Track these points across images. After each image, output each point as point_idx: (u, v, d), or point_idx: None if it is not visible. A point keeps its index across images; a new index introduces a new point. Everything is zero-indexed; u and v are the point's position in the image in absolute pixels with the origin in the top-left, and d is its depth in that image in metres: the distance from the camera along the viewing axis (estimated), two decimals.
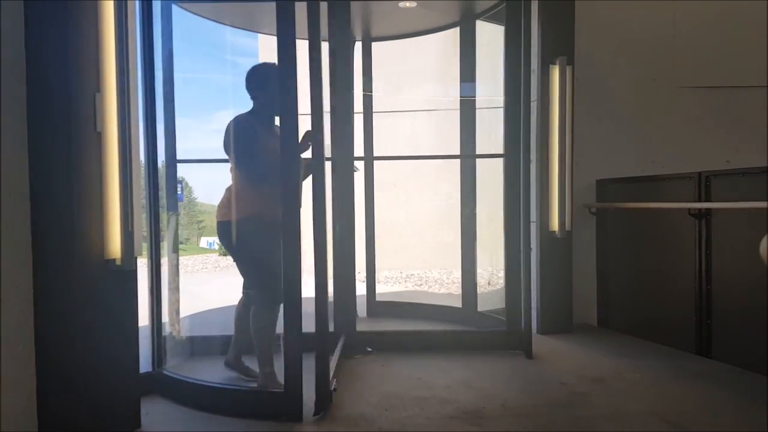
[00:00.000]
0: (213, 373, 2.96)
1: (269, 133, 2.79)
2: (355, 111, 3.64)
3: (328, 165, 3.53)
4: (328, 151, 2.85)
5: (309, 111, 2.52)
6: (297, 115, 2.44)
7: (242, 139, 2.75)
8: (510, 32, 3.51)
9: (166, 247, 3.03)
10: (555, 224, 3.76)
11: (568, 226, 3.76)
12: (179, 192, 3.23)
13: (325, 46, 3.33)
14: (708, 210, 3.25)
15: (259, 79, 2.80)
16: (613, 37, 4.21)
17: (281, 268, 2.49)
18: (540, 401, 2.63)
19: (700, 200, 3.28)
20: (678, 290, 3.47)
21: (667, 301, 3.59)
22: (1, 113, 2.08)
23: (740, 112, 4.23)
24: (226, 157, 2.86)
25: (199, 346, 3.28)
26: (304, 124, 2.52)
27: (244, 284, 2.97)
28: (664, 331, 3.60)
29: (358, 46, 4.25)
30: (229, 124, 2.80)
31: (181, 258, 3.31)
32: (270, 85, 2.69)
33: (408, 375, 2.99)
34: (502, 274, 4.20)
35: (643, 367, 3.11)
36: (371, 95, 4.36)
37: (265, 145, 2.73)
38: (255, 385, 2.79)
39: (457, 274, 4.62)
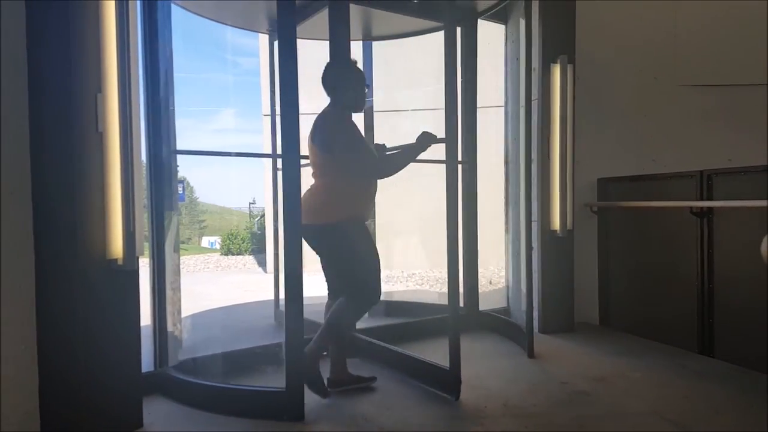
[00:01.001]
0: (214, 372, 2.96)
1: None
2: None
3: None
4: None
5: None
6: (298, 112, 2.45)
7: (347, 134, 2.65)
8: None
9: (167, 246, 3.03)
10: (556, 223, 3.76)
11: (569, 225, 3.75)
12: (181, 192, 3.22)
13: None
14: (710, 209, 3.25)
15: (338, 73, 2.77)
16: (614, 35, 4.21)
17: (375, 267, 2.68)
18: (541, 400, 2.63)
19: (701, 199, 3.27)
20: (680, 289, 3.47)
21: (669, 300, 3.58)
22: (1, 113, 2.08)
23: (742, 110, 4.23)
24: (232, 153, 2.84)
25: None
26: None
27: (335, 288, 2.88)
28: (666, 330, 3.59)
29: (357, 46, 4.25)
30: (321, 120, 2.72)
31: (182, 258, 3.31)
32: (348, 79, 2.73)
33: None
34: (503, 273, 4.21)
35: (644, 366, 3.11)
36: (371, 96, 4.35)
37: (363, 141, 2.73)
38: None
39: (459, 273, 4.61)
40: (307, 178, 2.66)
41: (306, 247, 2.56)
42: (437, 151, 2.78)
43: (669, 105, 4.27)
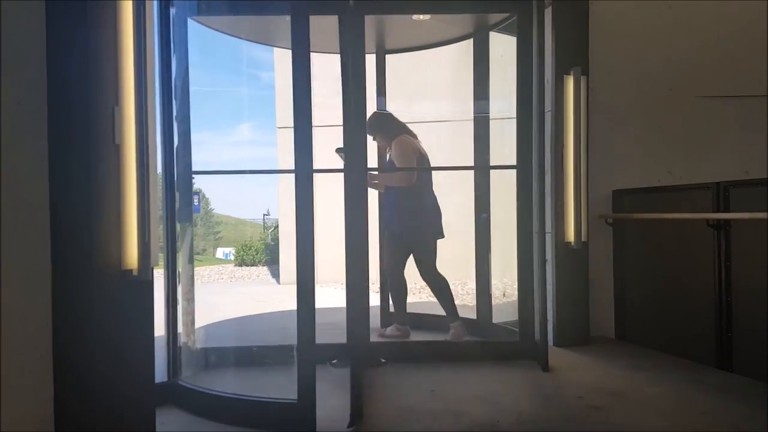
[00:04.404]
0: (227, 383, 2.97)
1: None
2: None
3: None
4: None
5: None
6: (311, 125, 2.48)
7: None
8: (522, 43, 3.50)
9: (181, 257, 3.06)
10: (571, 235, 3.73)
11: (584, 237, 3.73)
12: (196, 203, 3.25)
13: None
14: (727, 221, 3.20)
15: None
16: (629, 46, 4.19)
17: None
18: (556, 415, 2.59)
19: (718, 211, 3.23)
20: (697, 302, 3.42)
21: (687, 313, 3.53)
22: (23, 125, 2.13)
23: (759, 121, 4.17)
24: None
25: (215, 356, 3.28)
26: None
27: None
28: (683, 344, 3.54)
29: (371, 59, 4.28)
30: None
31: (197, 268, 3.34)
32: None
33: (421, 387, 2.97)
34: (516, 285, 4.17)
35: (661, 380, 3.06)
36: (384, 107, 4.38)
37: None
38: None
39: (472, 285, 4.59)
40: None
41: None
42: (450, 160, 2.78)
43: (684, 116, 4.23)
